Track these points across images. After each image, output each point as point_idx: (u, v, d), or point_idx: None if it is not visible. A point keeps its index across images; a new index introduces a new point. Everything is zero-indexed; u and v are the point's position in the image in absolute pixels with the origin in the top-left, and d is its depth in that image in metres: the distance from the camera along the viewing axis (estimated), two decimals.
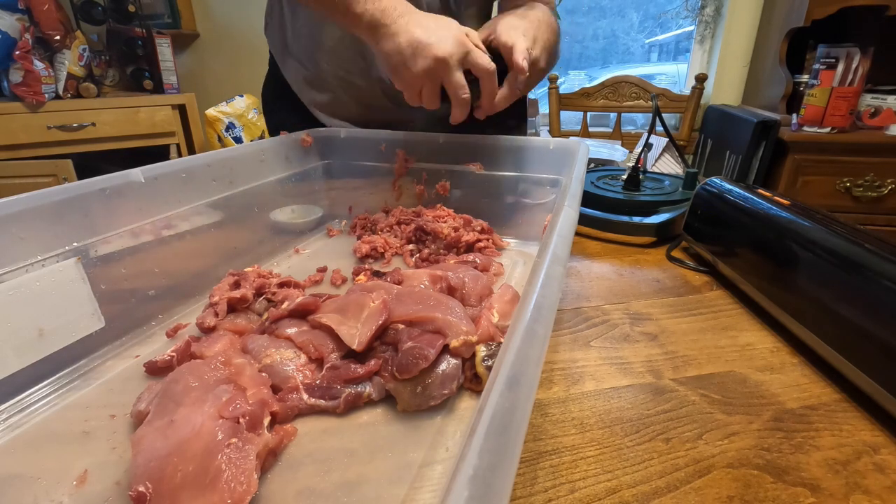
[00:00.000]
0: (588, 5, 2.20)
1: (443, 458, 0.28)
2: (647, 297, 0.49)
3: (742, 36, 1.90)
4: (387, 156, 0.65)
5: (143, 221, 0.42)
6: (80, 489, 0.27)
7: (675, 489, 0.27)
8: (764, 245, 0.45)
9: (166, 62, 1.80)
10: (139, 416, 0.30)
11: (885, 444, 0.30)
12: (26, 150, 1.57)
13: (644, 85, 1.79)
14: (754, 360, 0.39)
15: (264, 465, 0.27)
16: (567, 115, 1.91)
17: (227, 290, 0.44)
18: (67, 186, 0.37)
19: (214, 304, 0.42)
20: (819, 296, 0.38)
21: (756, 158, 1.59)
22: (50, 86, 1.56)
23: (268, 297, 0.44)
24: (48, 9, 1.52)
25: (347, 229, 0.66)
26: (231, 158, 0.52)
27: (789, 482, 0.28)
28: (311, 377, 0.34)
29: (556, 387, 0.36)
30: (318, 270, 0.53)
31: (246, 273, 0.47)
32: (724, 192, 0.53)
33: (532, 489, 0.27)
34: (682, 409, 0.34)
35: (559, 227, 0.31)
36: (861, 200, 1.57)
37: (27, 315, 0.33)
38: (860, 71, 1.46)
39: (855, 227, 0.39)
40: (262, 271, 0.49)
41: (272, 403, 0.30)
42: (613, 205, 0.66)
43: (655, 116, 0.72)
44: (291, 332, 0.37)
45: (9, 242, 0.33)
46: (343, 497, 0.26)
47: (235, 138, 1.90)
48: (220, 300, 0.42)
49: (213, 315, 0.41)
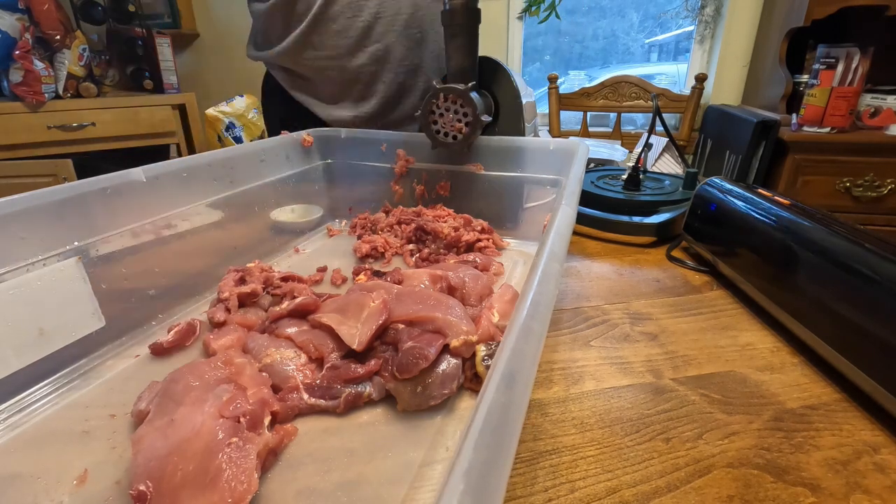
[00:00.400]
0: (588, 5, 2.20)
1: (443, 458, 0.28)
2: (647, 296, 0.49)
3: (742, 36, 1.90)
4: (387, 156, 0.65)
5: (144, 221, 0.42)
6: (80, 489, 0.27)
7: (675, 489, 0.27)
8: (764, 245, 0.45)
9: (166, 62, 1.80)
10: (139, 415, 0.30)
11: (886, 444, 0.30)
12: (26, 149, 1.57)
13: (644, 85, 1.79)
14: (754, 360, 0.39)
15: (264, 465, 0.27)
16: (567, 115, 1.91)
17: (233, 285, 0.44)
18: (68, 186, 0.37)
19: (225, 300, 0.42)
20: (819, 296, 0.38)
21: (756, 158, 1.59)
22: (50, 86, 1.56)
23: (271, 293, 0.44)
24: (48, 9, 1.52)
25: (347, 229, 0.66)
26: (231, 158, 0.52)
27: (789, 482, 0.28)
28: (311, 377, 0.34)
29: (555, 386, 0.36)
30: (318, 270, 0.53)
31: (249, 268, 0.47)
32: (724, 192, 0.53)
33: (532, 489, 0.27)
34: (683, 408, 0.34)
35: (557, 226, 0.31)
36: (861, 200, 1.57)
37: (27, 314, 0.33)
38: (860, 71, 1.46)
39: (855, 227, 0.39)
40: (264, 266, 0.49)
41: (272, 403, 0.30)
42: (613, 205, 0.66)
43: (655, 116, 0.72)
44: (291, 331, 0.37)
45: (9, 242, 0.33)
46: (343, 496, 0.26)
47: (235, 138, 1.90)
48: (231, 296, 0.42)
49: (224, 311, 0.42)
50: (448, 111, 0.56)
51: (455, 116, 0.56)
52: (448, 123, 0.57)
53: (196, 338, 0.40)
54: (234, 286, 0.44)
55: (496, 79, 0.62)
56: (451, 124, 0.57)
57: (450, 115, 0.56)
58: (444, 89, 0.56)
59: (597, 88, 1.83)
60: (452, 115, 0.56)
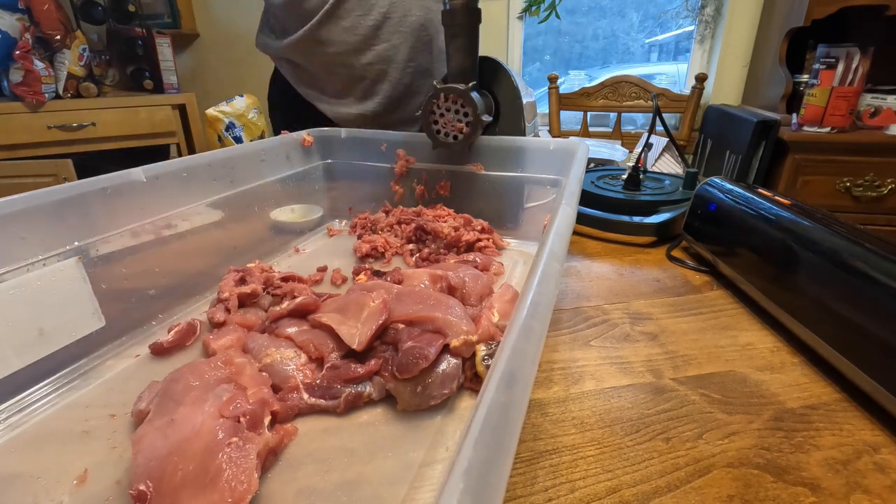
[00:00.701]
0: (588, 5, 2.20)
1: (443, 458, 0.28)
2: (647, 296, 0.49)
3: (742, 36, 1.90)
4: (387, 156, 0.65)
5: (144, 221, 0.42)
6: (81, 488, 0.27)
7: (675, 488, 0.27)
8: (764, 245, 0.45)
9: (166, 62, 1.80)
10: (139, 415, 0.30)
11: (886, 444, 0.30)
12: (26, 149, 1.57)
13: (644, 85, 1.79)
14: (754, 360, 0.39)
15: (265, 465, 0.27)
16: (567, 114, 1.91)
17: (233, 285, 0.44)
18: (68, 185, 0.37)
19: (225, 300, 0.42)
20: (819, 295, 0.38)
21: (756, 158, 1.59)
22: (50, 85, 1.56)
23: (271, 293, 0.44)
24: (48, 8, 1.52)
25: (347, 229, 0.66)
26: (231, 158, 0.52)
27: (790, 482, 0.28)
28: (311, 377, 0.34)
29: (555, 386, 0.36)
30: (318, 270, 0.53)
31: (250, 269, 0.47)
32: (724, 192, 0.53)
33: (532, 488, 0.27)
34: (683, 408, 0.34)
35: (556, 226, 0.31)
36: (861, 200, 1.57)
37: (27, 314, 0.33)
38: (860, 71, 1.45)
39: (855, 227, 0.39)
40: (264, 266, 0.49)
41: (273, 403, 0.30)
42: (614, 204, 0.66)
43: (656, 116, 0.72)
44: (292, 331, 0.37)
45: (9, 242, 0.33)
46: (343, 496, 0.26)
47: (235, 138, 1.90)
48: (231, 296, 0.42)
49: (224, 311, 0.42)
50: (449, 111, 0.56)
51: (456, 116, 0.56)
52: (449, 123, 0.57)
53: (196, 338, 0.40)
54: (235, 286, 0.44)
55: (496, 79, 0.62)
56: (452, 124, 0.57)
57: (450, 114, 0.56)
58: (444, 89, 0.56)
59: (597, 88, 1.83)
60: (453, 115, 0.56)
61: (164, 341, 0.38)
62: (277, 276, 0.46)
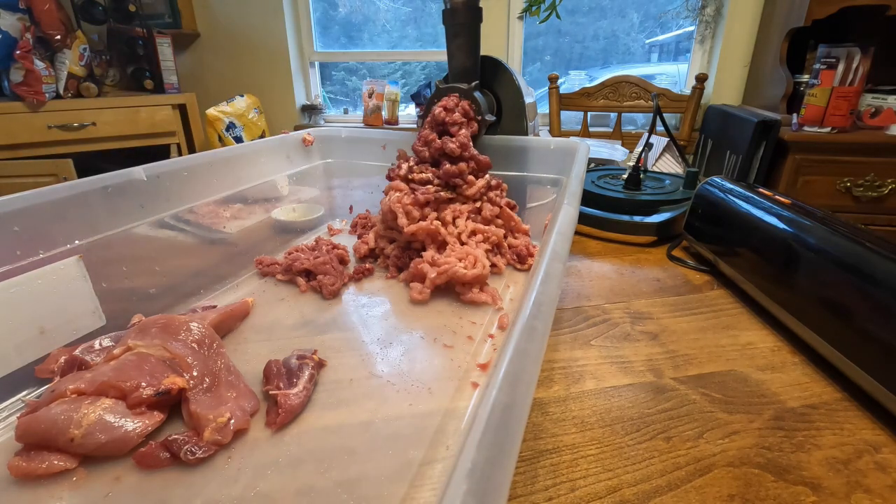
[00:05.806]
0: (588, 5, 2.20)
1: (443, 457, 0.28)
2: (647, 296, 0.49)
3: (742, 36, 1.90)
4: (387, 156, 0.65)
5: (145, 220, 0.42)
6: (80, 486, 0.26)
7: (675, 488, 0.27)
8: (765, 244, 0.45)
9: (167, 62, 1.80)
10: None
11: (887, 443, 0.30)
12: (27, 149, 1.57)
13: (644, 85, 1.79)
14: (755, 359, 0.39)
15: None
16: (567, 114, 1.91)
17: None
18: (69, 184, 0.37)
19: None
20: (820, 295, 0.38)
21: (756, 158, 1.59)
22: (50, 85, 1.56)
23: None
24: (49, 8, 1.53)
25: (348, 228, 0.66)
26: (232, 157, 0.52)
27: (790, 481, 0.28)
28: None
29: (556, 385, 0.36)
30: None
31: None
32: (724, 192, 0.53)
33: (532, 488, 0.27)
34: (683, 407, 0.34)
35: (559, 225, 0.31)
36: (861, 200, 1.56)
37: (28, 313, 0.33)
38: (860, 71, 1.45)
39: (856, 227, 0.39)
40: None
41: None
42: (614, 204, 0.66)
43: (656, 116, 0.72)
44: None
45: (10, 240, 0.33)
46: (343, 495, 0.26)
47: (236, 138, 1.90)
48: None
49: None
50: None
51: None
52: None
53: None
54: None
55: (498, 78, 0.62)
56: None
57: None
58: (446, 88, 0.56)
59: (597, 88, 1.83)
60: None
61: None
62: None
